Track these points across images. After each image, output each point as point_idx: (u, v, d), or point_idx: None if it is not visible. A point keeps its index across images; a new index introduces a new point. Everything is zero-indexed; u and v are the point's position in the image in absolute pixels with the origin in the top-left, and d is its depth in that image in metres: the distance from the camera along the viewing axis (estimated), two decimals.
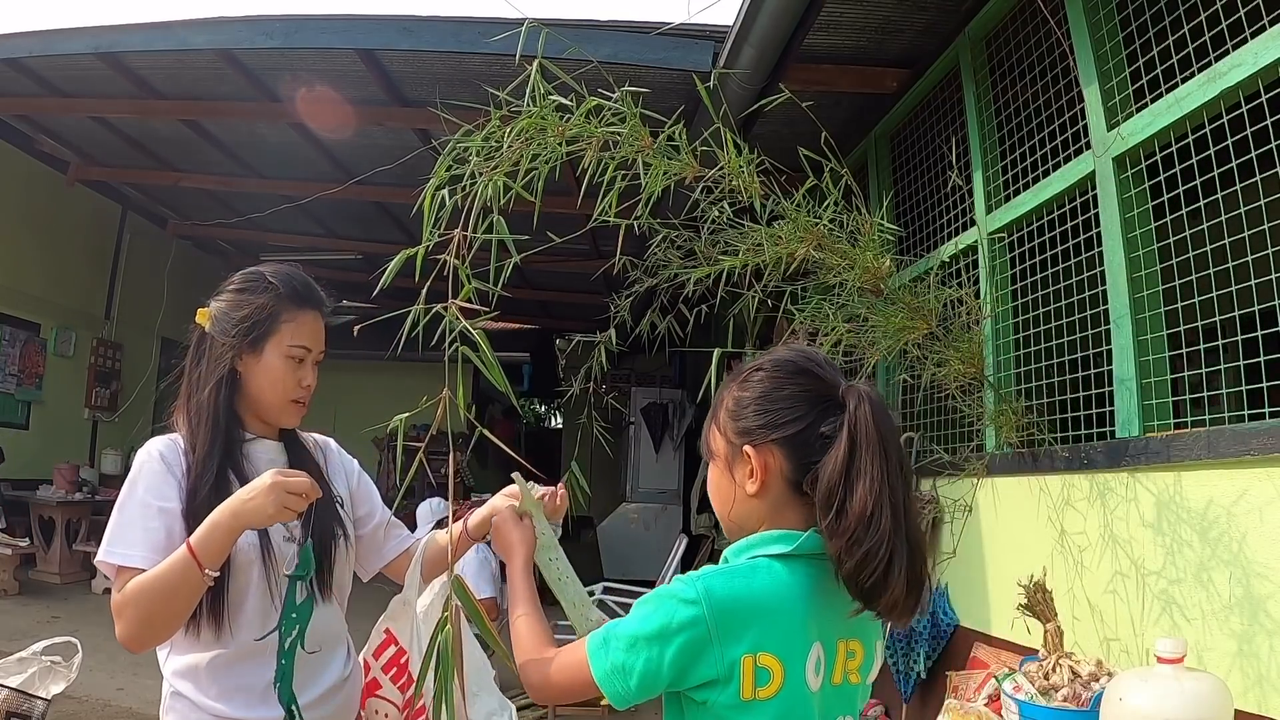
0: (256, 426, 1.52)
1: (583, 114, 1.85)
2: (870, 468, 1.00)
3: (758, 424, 1.08)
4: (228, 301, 1.47)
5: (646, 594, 1.09)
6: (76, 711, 4.08)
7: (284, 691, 1.34)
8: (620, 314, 2.62)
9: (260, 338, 1.44)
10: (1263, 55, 1.97)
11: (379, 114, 5.36)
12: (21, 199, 7.36)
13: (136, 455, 1.42)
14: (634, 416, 10.24)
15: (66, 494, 7.08)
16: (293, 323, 1.46)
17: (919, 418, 3.82)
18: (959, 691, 2.75)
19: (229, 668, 1.38)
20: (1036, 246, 2.95)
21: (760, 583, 1.03)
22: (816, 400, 1.07)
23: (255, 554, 1.39)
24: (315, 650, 1.42)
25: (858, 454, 1.01)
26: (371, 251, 8.77)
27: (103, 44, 4.97)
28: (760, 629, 1.01)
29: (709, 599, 1.00)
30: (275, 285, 1.47)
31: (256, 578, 1.39)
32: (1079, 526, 2.55)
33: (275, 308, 1.45)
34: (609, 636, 1.05)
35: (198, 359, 1.47)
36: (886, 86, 3.99)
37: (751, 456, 1.07)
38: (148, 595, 1.27)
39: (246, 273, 1.51)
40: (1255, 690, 1.88)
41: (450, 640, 1.13)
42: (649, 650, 1.01)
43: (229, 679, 1.38)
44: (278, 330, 1.45)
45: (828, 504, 1.01)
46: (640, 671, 1.02)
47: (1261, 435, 1.88)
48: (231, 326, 1.44)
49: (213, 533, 1.27)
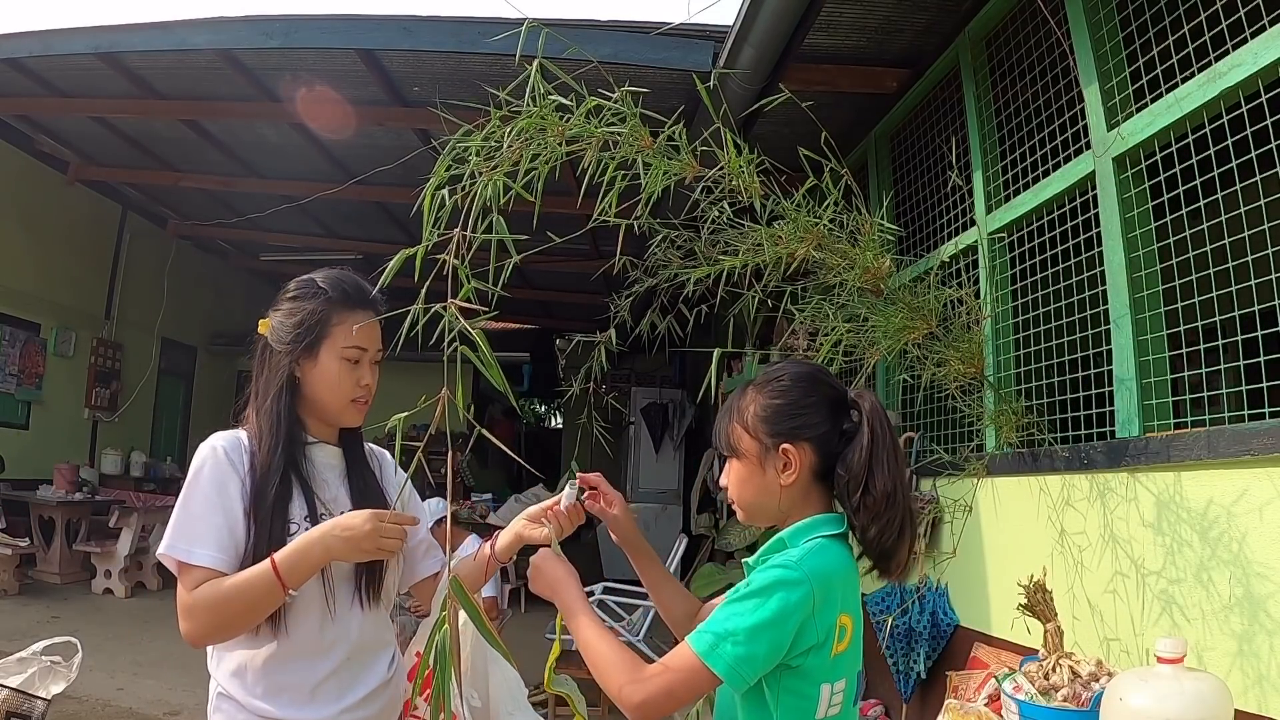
0: (318, 430, 1.56)
1: (583, 114, 1.85)
2: (886, 454, 1.26)
3: (790, 426, 1.30)
4: (283, 311, 1.51)
5: (738, 586, 1.23)
6: (76, 711, 4.08)
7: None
8: (620, 314, 2.61)
9: (314, 342, 1.48)
10: (1263, 55, 1.97)
11: (379, 114, 5.36)
12: (21, 199, 7.36)
13: (199, 450, 1.44)
14: (634, 416, 10.25)
15: (66, 494, 7.08)
16: (344, 325, 1.49)
17: (919, 418, 3.82)
18: (959, 691, 2.75)
19: (279, 666, 1.40)
20: (1036, 246, 2.95)
21: (834, 556, 1.26)
22: (835, 404, 1.32)
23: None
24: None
25: (878, 444, 1.26)
26: (371, 251, 8.78)
27: (103, 44, 4.97)
28: (840, 594, 1.23)
29: (812, 576, 1.20)
30: (325, 290, 1.51)
31: (312, 583, 1.42)
32: (1079, 526, 2.55)
33: (326, 312, 1.49)
34: (718, 636, 1.18)
35: (261, 367, 1.52)
36: (886, 86, 3.99)
37: (790, 453, 1.29)
38: (225, 603, 1.31)
39: (299, 280, 1.55)
40: (1255, 690, 1.88)
41: (449, 640, 1.13)
42: (771, 634, 1.17)
43: (277, 677, 1.40)
44: (330, 334, 1.48)
45: (857, 486, 1.26)
46: (765, 656, 1.17)
47: (1261, 435, 1.88)
48: (287, 334, 1.48)
49: (303, 560, 1.33)
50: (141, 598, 6.89)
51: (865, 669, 1.37)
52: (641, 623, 5.15)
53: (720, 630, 1.18)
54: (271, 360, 1.50)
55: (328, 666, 1.44)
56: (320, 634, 1.43)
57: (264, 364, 1.51)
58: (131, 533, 6.87)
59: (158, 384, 9.66)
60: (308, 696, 1.41)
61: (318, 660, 1.42)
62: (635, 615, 5.32)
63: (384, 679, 1.54)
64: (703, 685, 1.17)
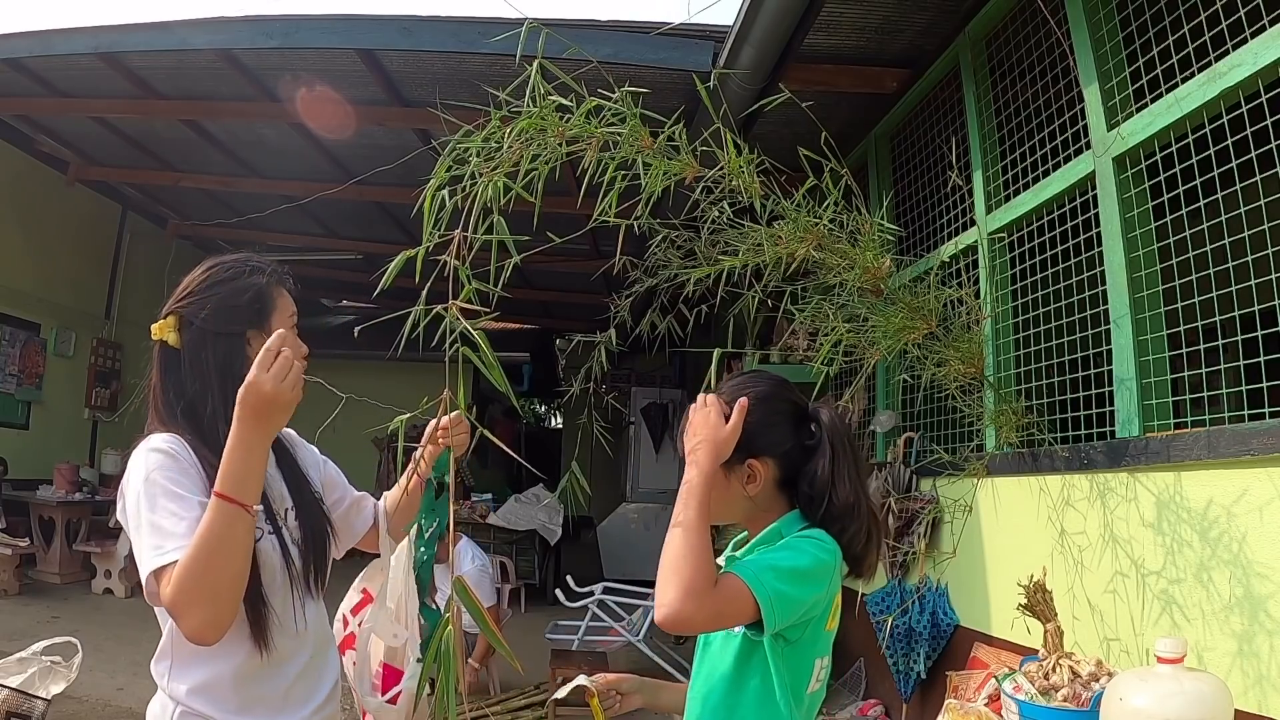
0: None
1: (583, 114, 1.85)
2: (847, 468, 1.31)
3: (755, 444, 1.33)
4: (224, 293, 1.45)
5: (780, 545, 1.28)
6: (76, 711, 4.08)
7: (425, 578, 1.40)
8: (620, 314, 2.61)
9: (266, 314, 1.45)
10: (1263, 55, 1.97)
11: (379, 114, 5.36)
12: (21, 199, 7.36)
13: (133, 460, 1.33)
14: (634, 416, 10.24)
15: (66, 494, 7.08)
16: (282, 295, 1.50)
17: (919, 418, 3.82)
18: (959, 691, 2.75)
19: (251, 678, 1.34)
20: (1036, 246, 2.95)
21: (831, 542, 1.30)
22: (797, 419, 1.37)
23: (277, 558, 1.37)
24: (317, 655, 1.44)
25: (838, 458, 1.31)
26: (371, 251, 8.77)
27: (103, 44, 4.97)
28: (838, 575, 1.30)
29: (835, 552, 1.28)
30: (261, 266, 1.50)
31: (279, 585, 1.37)
32: (1079, 526, 2.55)
33: (268, 284, 1.49)
34: (759, 568, 1.21)
35: (190, 363, 1.42)
36: (886, 86, 3.99)
37: (755, 467, 1.33)
38: (203, 565, 1.16)
39: (225, 264, 1.50)
40: (1255, 690, 1.88)
41: (451, 640, 1.13)
42: (807, 583, 1.22)
43: (251, 690, 1.34)
44: (276, 305, 1.48)
45: (821, 499, 1.30)
46: (797, 601, 1.21)
47: (1261, 435, 1.88)
48: (236, 313, 1.43)
49: (240, 466, 1.20)
50: (141, 598, 6.87)
51: (865, 669, 1.39)
52: (641, 623, 5.15)
53: (762, 564, 1.22)
54: (210, 348, 1.41)
55: (295, 669, 1.39)
56: (296, 636, 1.39)
57: (195, 357, 1.42)
58: None
59: None
60: (281, 703, 1.36)
61: (287, 665, 1.37)
62: (635, 615, 5.32)
63: (338, 672, 1.52)
64: (745, 612, 1.18)
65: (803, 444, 1.34)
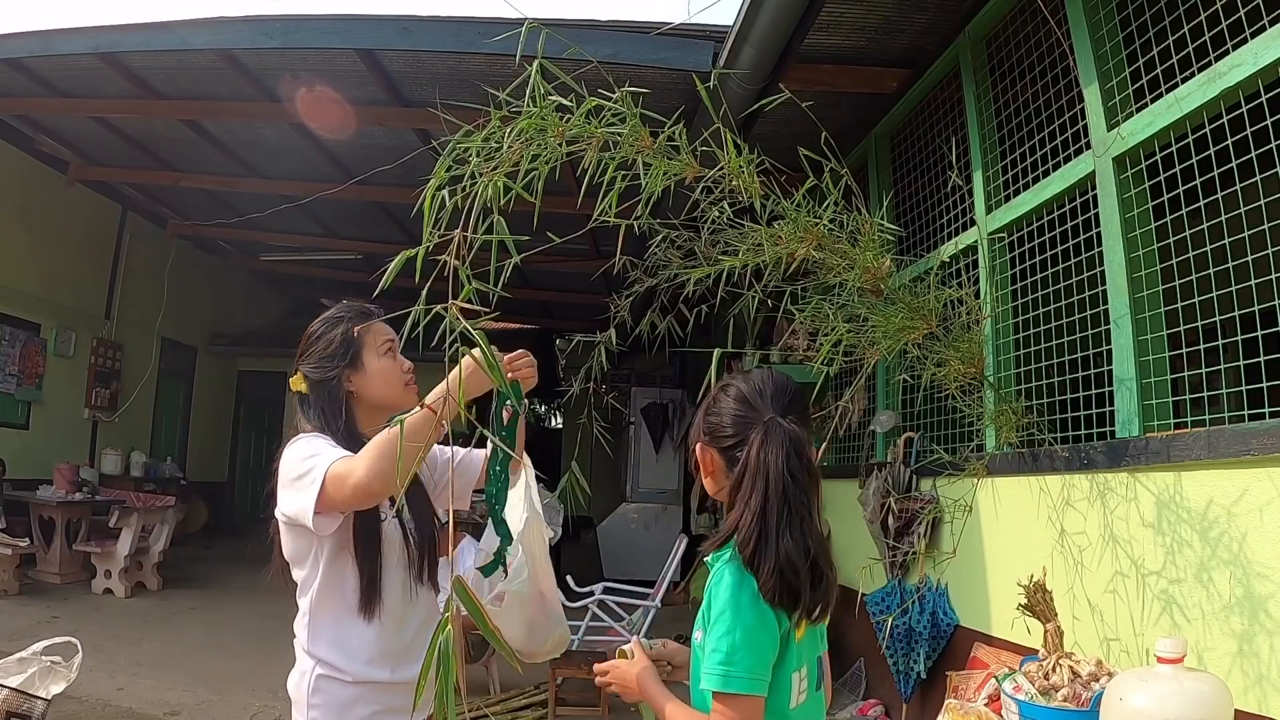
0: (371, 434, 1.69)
1: (583, 114, 1.85)
2: (752, 496, 1.28)
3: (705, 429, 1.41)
4: (318, 348, 1.73)
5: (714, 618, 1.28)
6: (76, 711, 4.07)
7: (496, 493, 1.51)
8: (620, 314, 2.62)
9: (356, 354, 1.71)
10: (1263, 55, 1.97)
11: (379, 114, 5.36)
12: (21, 199, 7.36)
13: (295, 440, 1.59)
14: (634, 416, 10.23)
15: (66, 494, 7.07)
16: (369, 330, 1.73)
17: (919, 418, 3.82)
18: (959, 691, 2.75)
19: (375, 637, 1.59)
20: (1036, 246, 2.95)
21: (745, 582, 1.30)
22: (742, 425, 1.36)
23: (398, 537, 1.64)
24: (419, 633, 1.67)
25: (745, 487, 1.30)
26: (371, 251, 8.77)
27: (103, 44, 4.97)
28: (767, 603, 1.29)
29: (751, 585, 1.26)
30: (342, 315, 1.76)
31: (397, 561, 1.63)
32: (1079, 526, 2.55)
33: (351, 328, 1.73)
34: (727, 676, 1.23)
35: (316, 406, 1.70)
36: (886, 86, 3.99)
37: (697, 452, 1.42)
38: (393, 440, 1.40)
39: (314, 324, 1.78)
40: (1255, 690, 1.88)
41: (451, 640, 1.12)
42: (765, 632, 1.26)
43: (376, 645, 1.59)
44: (364, 342, 1.72)
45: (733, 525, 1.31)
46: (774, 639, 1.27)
47: (1261, 435, 1.88)
48: (331, 360, 1.70)
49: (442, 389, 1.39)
50: (141, 598, 6.89)
51: (865, 669, 1.38)
52: (641, 622, 5.15)
53: (721, 661, 1.24)
54: (322, 391, 1.70)
55: (413, 627, 1.66)
56: (411, 603, 1.65)
57: (318, 400, 1.70)
58: (131, 533, 6.86)
59: (158, 384, 9.66)
60: (403, 655, 1.61)
61: (406, 624, 1.64)
62: (635, 615, 5.32)
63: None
64: (759, 704, 1.23)
65: (735, 453, 1.35)
